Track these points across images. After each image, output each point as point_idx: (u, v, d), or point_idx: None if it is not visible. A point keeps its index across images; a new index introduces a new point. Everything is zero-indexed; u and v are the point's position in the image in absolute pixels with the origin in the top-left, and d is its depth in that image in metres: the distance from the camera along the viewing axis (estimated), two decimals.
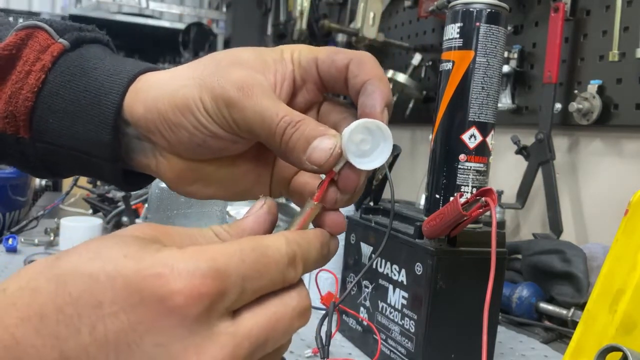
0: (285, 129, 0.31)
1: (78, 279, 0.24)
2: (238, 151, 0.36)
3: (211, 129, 0.33)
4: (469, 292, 0.57)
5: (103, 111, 0.36)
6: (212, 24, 3.13)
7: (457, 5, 0.58)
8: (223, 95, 0.32)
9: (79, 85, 0.37)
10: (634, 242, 0.41)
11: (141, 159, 0.38)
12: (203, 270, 0.24)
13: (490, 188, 0.47)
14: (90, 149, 0.37)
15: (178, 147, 0.35)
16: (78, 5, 2.86)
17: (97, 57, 0.38)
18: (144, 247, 0.25)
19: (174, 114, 0.34)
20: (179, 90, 0.34)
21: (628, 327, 0.40)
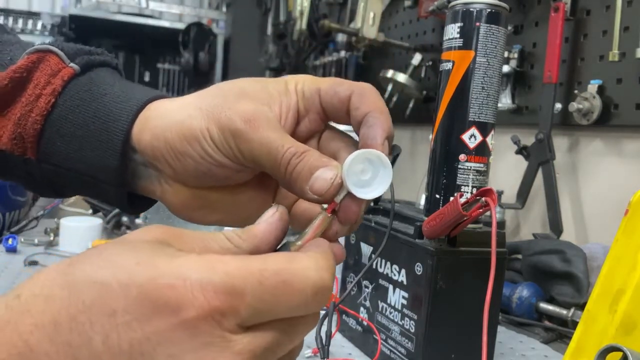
0: (290, 159, 0.32)
1: (91, 286, 0.24)
2: (242, 180, 0.37)
3: (217, 158, 0.34)
4: (469, 292, 0.57)
5: (111, 137, 0.37)
6: (212, 24, 3.13)
7: (457, 5, 0.58)
8: (230, 127, 0.33)
9: (89, 111, 0.37)
10: (634, 242, 0.41)
11: (146, 185, 0.39)
12: (216, 285, 0.24)
13: (490, 188, 0.47)
14: (97, 173, 0.38)
15: (183, 175, 0.36)
16: (78, 5, 2.86)
17: (106, 83, 0.39)
18: (156, 252, 0.25)
19: (181, 143, 0.35)
20: (186, 120, 0.35)
21: (628, 327, 0.40)
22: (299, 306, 0.26)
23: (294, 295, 0.26)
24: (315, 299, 0.26)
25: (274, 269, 0.25)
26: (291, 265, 0.26)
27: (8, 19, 2.63)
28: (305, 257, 0.27)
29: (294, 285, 0.26)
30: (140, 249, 0.25)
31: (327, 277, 0.27)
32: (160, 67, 3.41)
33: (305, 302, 0.26)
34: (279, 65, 2.28)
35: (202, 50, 2.91)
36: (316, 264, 0.27)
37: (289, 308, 0.26)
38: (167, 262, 0.24)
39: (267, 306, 0.25)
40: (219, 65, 3.05)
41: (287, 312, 0.26)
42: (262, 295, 0.25)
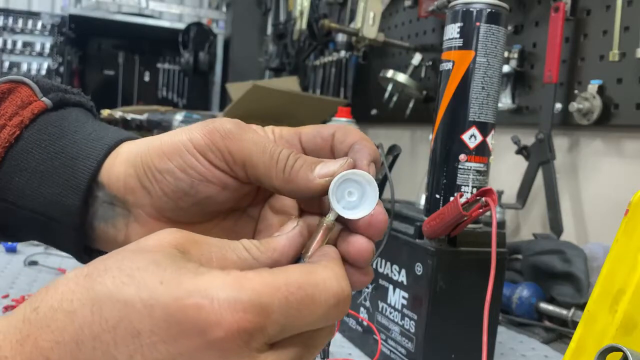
0: (288, 156, 0.31)
1: (114, 305, 0.23)
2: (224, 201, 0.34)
3: (200, 169, 0.32)
4: (469, 292, 0.57)
5: (76, 174, 0.35)
6: (212, 24, 3.13)
7: (457, 5, 0.58)
8: (219, 129, 0.32)
9: (55, 146, 0.35)
10: (634, 242, 0.41)
11: (107, 229, 0.36)
12: (245, 304, 0.23)
13: (490, 188, 0.47)
14: (55, 213, 0.35)
15: (160, 202, 0.34)
16: (78, 5, 2.87)
17: (79, 121, 0.37)
18: (179, 268, 0.24)
19: (160, 160, 0.33)
20: (165, 137, 0.33)
21: (628, 328, 0.40)
22: (321, 318, 0.26)
23: (318, 308, 0.25)
24: (337, 309, 0.26)
25: (298, 283, 0.25)
26: (312, 278, 0.26)
27: (8, 19, 2.63)
28: (322, 267, 0.27)
29: (317, 298, 0.25)
30: (162, 262, 0.24)
31: (346, 286, 0.27)
32: (160, 67, 3.41)
33: (327, 313, 0.26)
34: (279, 65, 2.28)
35: (202, 50, 2.91)
36: (335, 273, 0.27)
37: (312, 321, 0.26)
38: (192, 280, 0.24)
39: (292, 321, 0.25)
40: (219, 65, 3.05)
41: (310, 325, 0.26)
42: (288, 311, 0.24)
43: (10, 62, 2.60)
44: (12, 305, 0.71)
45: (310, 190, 0.31)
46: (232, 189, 0.33)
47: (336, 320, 0.27)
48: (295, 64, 2.17)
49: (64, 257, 0.94)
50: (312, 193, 0.31)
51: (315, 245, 0.31)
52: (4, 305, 0.71)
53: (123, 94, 3.37)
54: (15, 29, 2.63)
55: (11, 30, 2.63)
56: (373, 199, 0.31)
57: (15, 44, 2.62)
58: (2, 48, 2.60)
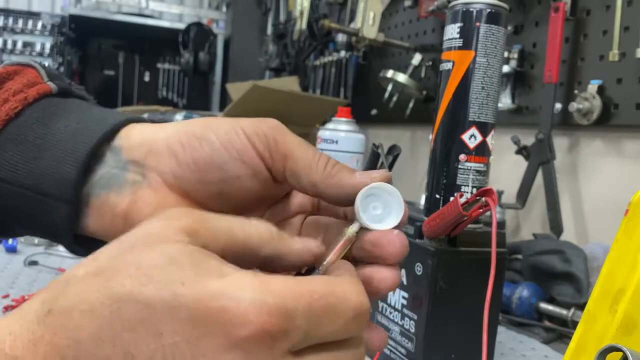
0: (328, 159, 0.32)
1: (134, 306, 0.23)
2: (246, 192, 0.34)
3: (240, 147, 0.32)
4: (469, 292, 0.57)
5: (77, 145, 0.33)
6: (212, 24, 3.13)
7: (457, 5, 0.58)
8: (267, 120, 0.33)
9: (58, 124, 0.34)
10: (634, 242, 0.41)
11: (108, 198, 0.34)
12: (270, 307, 0.23)
13: (490, 188, 0.47)
14: (46, 186, 0.33)
15: (184, 171, 0.33)
16: (78, 5, 2.87)
17: (84, 106, 0.36)
18: (200, 267, 0.24)
19: (203, 130, 0.33)
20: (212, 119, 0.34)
21: (628, 328, 0.40)
22: (341, 329, 0.26)
23: (339, 318, 0.25)
24: (355, 322, 0.26)
25: (321, 292, 0.25)
26: (335, 288, 0.26)
27: (8, 19, 2.64)
28: (344, 280, 0.27)
29: (338, 308, 0.25)
30: (180, 260, 0.24)
31: (366, 301, 0.27)
32: (160, 67, 3.42)
33: (347, 325, 0.26)
34: (279, 65, 2.28)
35: (202, 50, 2.91)
36: (355, 288, 0.27)
37: (333, 331, 0.25)
38: (216, 282, 0.23)
39: (314, 329, 0.25)
40: (219, 65, 3.06)
41: (331, 336, 0.26)
42: (311, 318, 0.24)
43: None
44: (12, 305, 0.71)
45: (350, 187, 0.31)
46: (261, 178, 0.33)
47: (356, 333, 0.27)
48: (295, 64, 2.17)
49: (64, 257, 0.94)
50: (351, 191, 0.31)
51: (332, 256, 0.30)
52: (4, 305, 0.71)
53: (123, 94, 3.37)
54: (15, 29, 2.63)
55: (11, 30, 2.63)
56: (398, 213, 0.31)
57: (15, 44, 2.62)
58: (2, 48, 2.60)
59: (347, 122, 1.05)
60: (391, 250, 0.31)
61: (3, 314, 0.69)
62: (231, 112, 1.48)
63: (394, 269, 0.31)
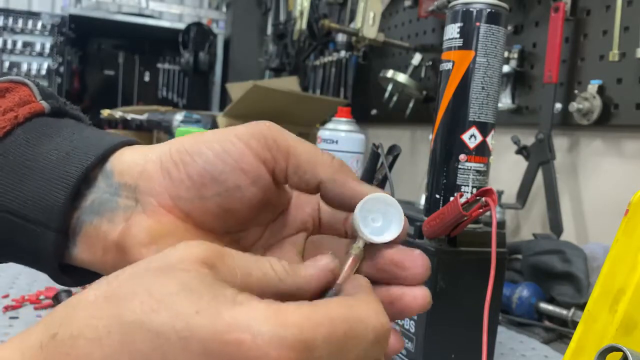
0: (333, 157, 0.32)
1: (145, 335, 0.22)
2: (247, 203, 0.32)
3: (236, 154, 0.30)
4: (469, 292, 0.57)
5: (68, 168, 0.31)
6: (212, 24, 3.13)
7: (457, 5, 0.58)
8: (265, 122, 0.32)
9: (49, 145, 0.32)
10: (634, 242, 0.41)
11: (100, 225, 0.32)
12: (289, 342, 0.22)
13: (490, 188, 0.47)
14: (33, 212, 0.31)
15: (179, 188, 0.31)
16: (78, 5, 2.87)
17: (78, 127, 0.34)
18: (216, 297, 0.23)
19: (194, 144, 0.31)
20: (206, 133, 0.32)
21: (628, 328, 0.40)
22: (361, 354, 0.24)
23: (360, 343, 0.24)
24: (377, 345, 0.25)
25: (340, 318, 0.24)
26: (354, 313, 0.25)
27: (8, 19, 2.64)
28: (362, 302, 0.26)
29: (358, 333, 0.24)
30: (196, 288, 0.23)
31: (386, 321, 0.25)
32: (160, 67, 3.42)
33: (366, 350, 0.25)
34: (279, 65, 2.28)
35: (202, 50, 2.91)
36: (374, 308, 0.25)
37: (354, 357, 0.24)
38: (231, 312, 0.22)
39: (335, 357, 0.24)
40: (219, 65, 3.06)
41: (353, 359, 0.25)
42: (331, 347, 0.23)
43: (10, 62, 2.60)
44: (12, 305, 0.71)
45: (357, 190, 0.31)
46: (261, 185, 0.31)
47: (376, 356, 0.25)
48: (295, 64, 2.17)
49: None
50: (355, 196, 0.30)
51: (344, 275, 0.30)
52: (4, 305, 0.71)
53: (123, 94, 3.37)
54: (15, 29, 2.63)
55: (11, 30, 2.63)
56: (399, 224, 0.31)
57: (15, 44, 2.62)
58: (2, 48, 2.60)
59: (347, 122, 1.05)
60: (415, 271, 0.30)
61: (3, 314, 0.69)
62: (231, 112, 1.48)
63: (423, 287, 0.30)
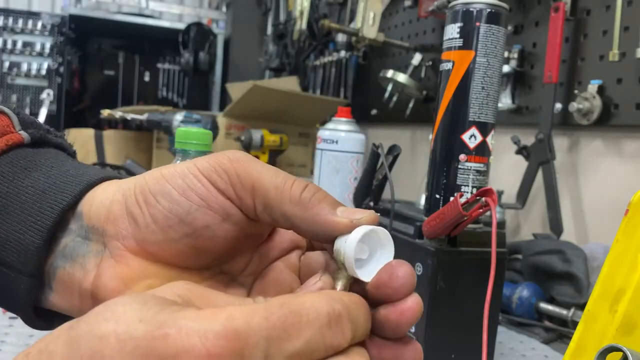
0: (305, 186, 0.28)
1: (89, 340, 0.22)
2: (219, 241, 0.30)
3: (201, 191, 0.28)
4: (469, 292, 0.57)
5: (43, 208, 0.30)
6: (212, 24, 3.13)
7: (457, 5, 0.58)
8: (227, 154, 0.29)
9: (25, 181, 0.31)
10: (634, 242, 0.41)
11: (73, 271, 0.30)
12: (216, 331, 0.21)
13: (490, 188, 0.47)
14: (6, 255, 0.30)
15: (145, 232, 0.29)
16: (78, 5, 2.87)
17: (57, 159, 0.33)
18: (163, 308, 0.23)
19: (157, 182, 0.29)
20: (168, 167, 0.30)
21: (628, 328, 0.40)
22: (315, 339, 0.23)
23: (307, 326, 0.22)
24: (334, 328, 0.23)
25: (278, 303, 0.23)
26: (296, 298, 0.23)
27: (8, 19, 2.64)
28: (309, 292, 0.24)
29: (304, 315, 0.23)
30: (151, 304, 0.23)
31: (340, 307, 0.23)
32: (160, 67, 3.41)
33: (321, 332, 0.23)
34: (279, 65, 2.28)
35: (202, 50, 2.91)
36: (327, 296, 0.24)
37: (305, 341, 0.22)
38: (168, 315, 0.22)
39: (278, 343, 0.22)
40: (219, 65, 3.05)
41: (304, 346, 0.22)
42: (270, 332, 0.22)
43: (10, 62, 2.60)
44: None
45: (330, 224, 0.28)
46: (234, 221, 0.29)
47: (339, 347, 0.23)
48: (295, 64, 2.17)
49: None
50: (330, 230, 0.28)
51: None
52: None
53: (123, 94, 3.37)
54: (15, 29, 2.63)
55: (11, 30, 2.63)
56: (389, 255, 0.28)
57: (15, 44, 2.62)
58: (2, 48, 2.60)
59: (347, 122, 1.05)
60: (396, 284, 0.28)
61: (3, 314, 0.69)
62: (231, 112, 1.48)
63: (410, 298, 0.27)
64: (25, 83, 2.61)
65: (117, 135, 1.77)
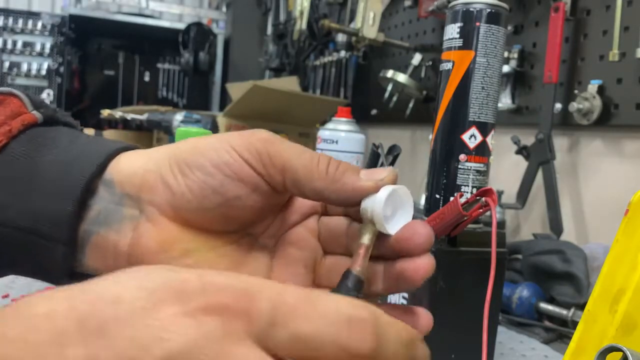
0: (329, 160, 0.31)
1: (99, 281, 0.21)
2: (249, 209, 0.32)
3: (234, 166, 0.31)
4: (469, 292, 0.57)
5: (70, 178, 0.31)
6: (212, 24, 3.13)
7: (457, 5, 0.58)
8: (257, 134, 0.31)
9: (47, 156, 0.32)
10: (634, 242, 0.41)
11: (108, 236, 0.32)
12: (230, 284, 0.21)
13: (490, 188, 0.47)
14: (39, 225, 0.31)
15: (181, 200, 0.31)
16: (78, 5, 2.87)
17: (73, 135, 0.34)
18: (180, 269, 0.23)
19: (192, 155, 0.31)
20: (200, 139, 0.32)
21: (628, 328, 0.40)
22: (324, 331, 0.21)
23: (318, 313, 0.21)
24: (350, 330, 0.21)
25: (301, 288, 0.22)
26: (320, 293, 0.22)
27: (8, 19, 2.64)
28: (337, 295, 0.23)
29: (319, 305, 0.21)
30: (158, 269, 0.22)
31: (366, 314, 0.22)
32: (160, 67, 3.41)
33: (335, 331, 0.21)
34: (279, 65, 2.28)
35: (202, 50, 2.91)
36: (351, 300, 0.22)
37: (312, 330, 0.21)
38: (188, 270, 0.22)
39: (283, 319, 0.21)
40: (219, 65, 3.06)
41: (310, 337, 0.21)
42: (280, 306, 0.21)
43: (10, 62, 2.60)
44: None
45: (358, 190, 0.31)
46: (262, 192, 0.32)
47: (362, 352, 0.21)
48: (295, 64, 2.17)
49: None
50: (358, 194, 0.31)
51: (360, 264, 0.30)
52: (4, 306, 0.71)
53: (123, 94, 3.37)
54: (15, 29, 2.63)
55: (11, 30, 2.63)
56: (409, 211, 0.32)
57: (15, 44, 2.62)
58: (2, 48, 2.60)
59: (347, 122, 1.05)
60: (417, 241, 0.31)
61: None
62: (231, 112, 1.48)
63: (426, 256, 0.31)
64: (25, 83, 2.61)
65: (117, 135, 1.77)
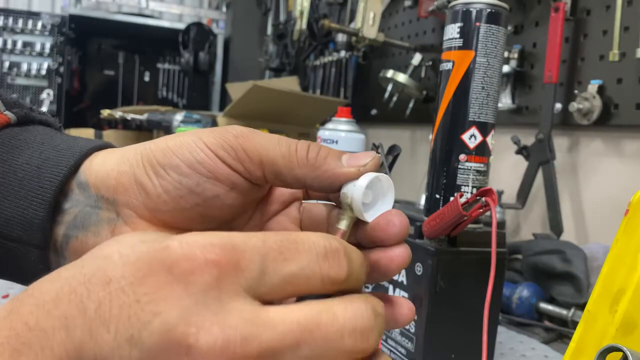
0: (308, 146, 0.30)
1: (93, 261, 0.23)
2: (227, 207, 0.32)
3: (210, 165, 0.30)
4: (469, 292, 0.57)
5: (42, 182, 0.31)
6: (212, 24, 3.13)
7: (457, 5, 0.58)
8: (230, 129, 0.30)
9: (18, 159, 0.31)
10: (634, 242, 0.41)
11: (86, 239, 0.32)
12: (214, 242, 0.23)
13: (490, 188, 0.47)
14: (11, 230, 0.31)
15: (156, 202, 0.31)
16: (78, 5, 2.87)
17: (46, 134, 0.33)
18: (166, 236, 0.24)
19: (165, 155, 0.30)
20: (173, 138, 0.31)
21: (628, 328, 0.40)
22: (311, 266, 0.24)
23: (300, 251, 0.24)
24: (327, 261, 0.24)
25: (277, 233, 0.24)
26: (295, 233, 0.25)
27: (8, 19, 2.63)
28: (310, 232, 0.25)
29: (300, 243, 0.24)
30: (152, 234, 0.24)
31: (337, 244, 0.25)
32: (160, 67, 3.41)
33: (317, 261, 0.24)
34: (279, 65, 2.28)
35: (202, 50, 2.91)
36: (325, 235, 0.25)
37: (300, 268, 0.23)
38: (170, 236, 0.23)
39: (273, 265, 0.23)
40: (219, 65, 3.05)
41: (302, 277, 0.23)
42: (267, 251, 0.23)
43: (10, 62, 2.60)
44: None
45: (339, 176, 0.30)
46: (240, 189, 0.31)
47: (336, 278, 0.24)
48: (295, 64, 2.17)
49: None
50: (340, 181, 0.30)
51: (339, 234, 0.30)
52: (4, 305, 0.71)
53: (123, 94, 3.37)
54: (15, 29, 2.63)
55: (11, 30, 2.63)
56: (390, 199, 0.31)
57: (15, 44, 2.62)
58: (2, 48, 2.60)
59: (347, 122, 1.05)
60: (391, 231, 0.30)
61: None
62: (231, 112, 1.48)
63: (400, 246, 0.30)
64: (25, 83, 2.61)
65: (117, 136, 1.77)
